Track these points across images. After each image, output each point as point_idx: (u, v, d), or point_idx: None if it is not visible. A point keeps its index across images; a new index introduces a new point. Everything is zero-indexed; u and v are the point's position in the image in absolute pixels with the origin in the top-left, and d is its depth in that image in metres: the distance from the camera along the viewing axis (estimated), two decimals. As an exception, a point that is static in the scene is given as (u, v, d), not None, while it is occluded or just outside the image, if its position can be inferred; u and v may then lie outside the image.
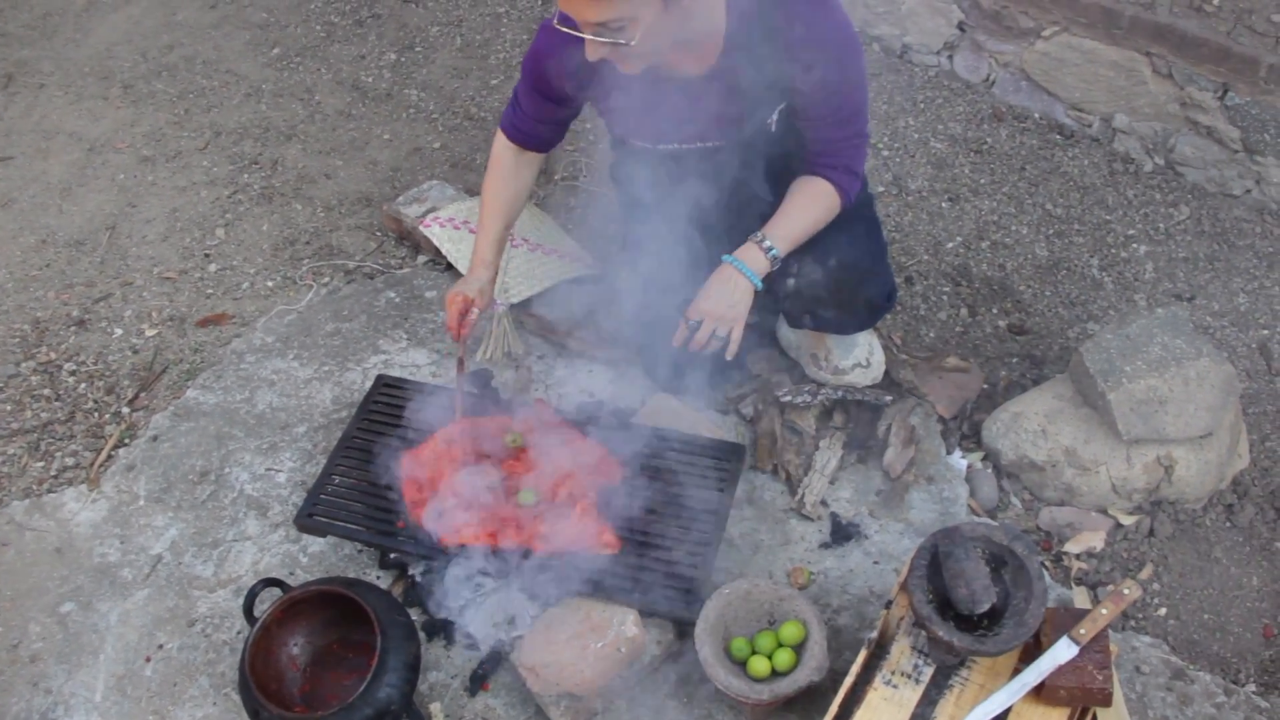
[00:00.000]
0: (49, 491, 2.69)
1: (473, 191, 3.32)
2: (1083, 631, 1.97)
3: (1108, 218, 3.32)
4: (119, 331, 3.10)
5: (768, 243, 2.31)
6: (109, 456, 2.76)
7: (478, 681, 2.27)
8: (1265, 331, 2.97)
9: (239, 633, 2.39)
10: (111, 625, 2.42)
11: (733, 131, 2.34)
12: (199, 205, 3.51)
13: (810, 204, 2.35)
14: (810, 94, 2.23)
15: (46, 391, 2.93)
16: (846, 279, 2.45)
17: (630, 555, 2.32)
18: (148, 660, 2.36)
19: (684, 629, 2.26)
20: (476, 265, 2.56)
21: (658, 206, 2.49)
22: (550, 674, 2.15)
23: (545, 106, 2.45)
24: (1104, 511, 2.54)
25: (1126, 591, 2.02)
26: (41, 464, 2.76)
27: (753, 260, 2.30)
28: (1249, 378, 2.86)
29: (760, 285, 2.31)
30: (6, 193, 3.58)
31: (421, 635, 2.30)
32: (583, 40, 2.03)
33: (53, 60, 4.19)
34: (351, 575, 2.45)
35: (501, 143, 2.57)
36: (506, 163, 2.57)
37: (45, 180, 3.64)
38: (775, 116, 2.31)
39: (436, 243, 3.10)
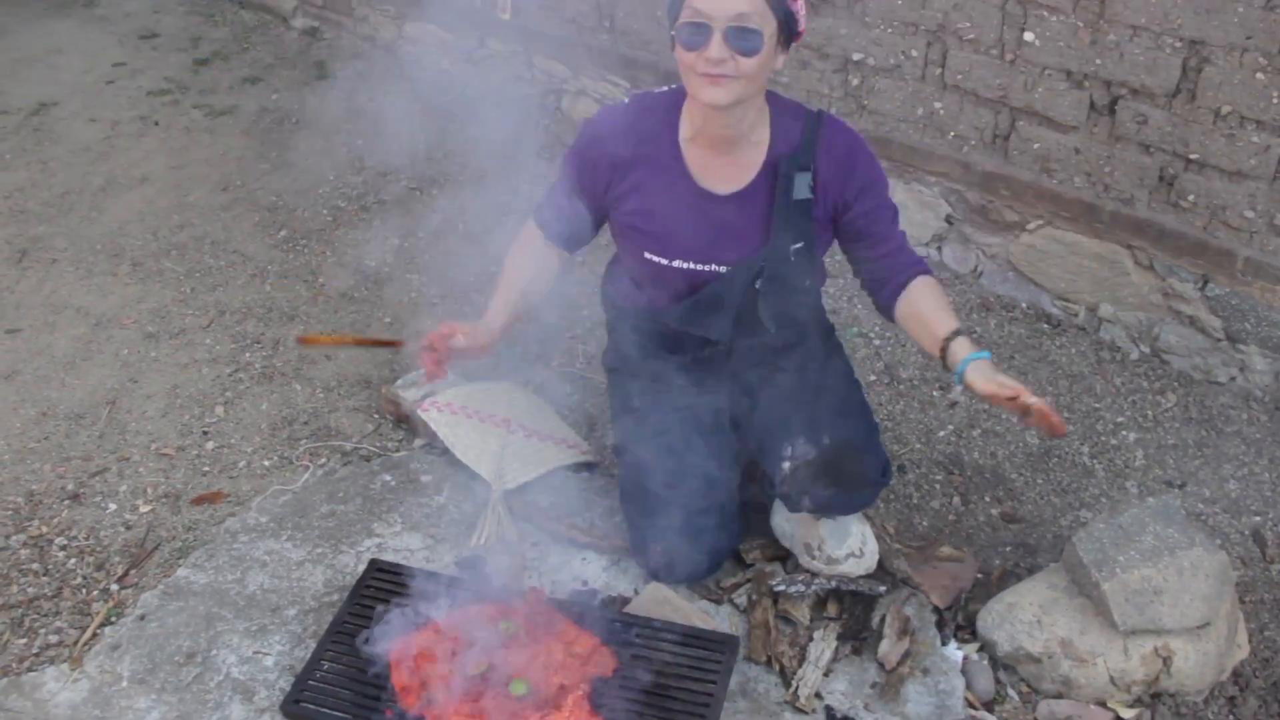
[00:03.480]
0: (29, 670, 2.64)
1: (471, 377, 3.36)
2: (1085, 837, 1.92)
3: (1096, 405, 3.36)
4: (113, 506, 3.10)
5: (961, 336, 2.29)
6: (94, 635, 2.72)
7: None
8: (1258, 518, 2.98)
9: (217, 826, 2.32)
10: (86, 817, 2.35)
11: (748, 257, 2.39)
12: (200, 382, 3.55)
13: (939, 294, 2.42)
14: (868, 213, 2.38)
15: (35, 566, 2.91)
16: (843, 456, 2.49)
17: (622, 749, 2.27)
18: None
19: (676, 828, 2.20)
20: (482, 318, 2.55)
21: (657, 335, 2.57)
22: None
23: (578, 205, 2.49)
24: (1103, 704, 2.50)
25: (1129, 794, 1.98)
26: (24, 641, 2.71)
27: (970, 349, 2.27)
28: (1243, 565, 2.85)
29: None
30: (12, 364, 3.63)
31: (406, 831, 2.23)
32: (632, 128, 2.28)
33: (66, 236, 4.30)
34: (336, 766, 2.39)
35: (530, 229, 2.63)
36: (533, 244, 2.62)
37: (50, 353, 3.69)
38: (798, 246, 2.38)
39: (434, 427, 3.12)
